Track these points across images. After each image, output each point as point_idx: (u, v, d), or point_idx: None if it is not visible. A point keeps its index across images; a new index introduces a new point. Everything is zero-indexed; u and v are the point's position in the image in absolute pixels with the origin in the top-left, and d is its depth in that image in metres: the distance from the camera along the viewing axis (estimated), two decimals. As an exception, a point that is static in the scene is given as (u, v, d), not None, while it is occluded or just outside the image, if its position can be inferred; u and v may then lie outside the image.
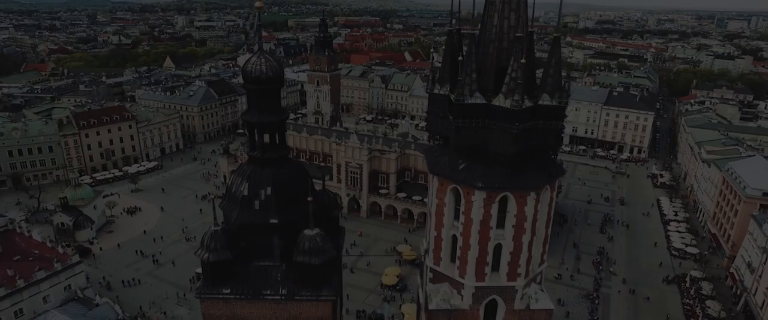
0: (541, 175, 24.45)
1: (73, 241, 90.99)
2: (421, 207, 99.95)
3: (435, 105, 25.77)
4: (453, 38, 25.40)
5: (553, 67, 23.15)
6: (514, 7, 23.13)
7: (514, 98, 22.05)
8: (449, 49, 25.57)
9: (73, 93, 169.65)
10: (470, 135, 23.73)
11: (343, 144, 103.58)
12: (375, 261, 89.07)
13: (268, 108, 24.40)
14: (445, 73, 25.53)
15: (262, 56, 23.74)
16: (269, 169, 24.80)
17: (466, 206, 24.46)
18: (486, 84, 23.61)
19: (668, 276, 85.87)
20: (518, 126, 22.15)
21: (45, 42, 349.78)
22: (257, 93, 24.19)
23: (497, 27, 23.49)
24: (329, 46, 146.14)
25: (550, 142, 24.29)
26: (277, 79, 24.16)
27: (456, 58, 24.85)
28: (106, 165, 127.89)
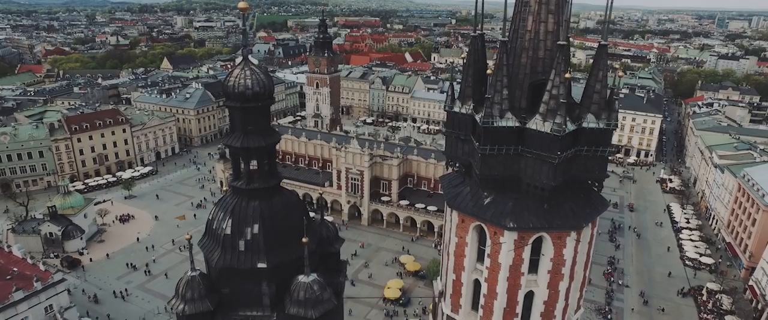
0: (583, 211, 20.60)
1: (62, 252, 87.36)
2: (425, 215, 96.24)
3: (455, 125, 21.86)
4: (477, 45, 21.53)
5: (600, 81, 19.35)
6: (553, 8, 19.34)
7: (555, 121, 18.30)
8: (472, 59, 21.66)
9: (67, 95, 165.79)
10: (499, 164, 19.98)
11: (343, 149, 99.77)
12: (377, 272, 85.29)
13: (254, 130, 20.60)
14: (468, 88, 21.64)
15: (247, 68, 19.99)
16: (256, 203, 20.95)
17: (492, 248, 20.61)
18: (517, 102, 19.85)
19: (683, 288, 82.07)
20: (560, 155, 18.39)
21: (42, 43, 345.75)
22: (241, 112, 20.43)
23: (531, 32, 19.69)
24: (329, 47, 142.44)
25: (595, 171, 20.43)
26: (265, 94, 20.43)
27: (481, 70, 21.05)
28: (99, 171, 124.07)
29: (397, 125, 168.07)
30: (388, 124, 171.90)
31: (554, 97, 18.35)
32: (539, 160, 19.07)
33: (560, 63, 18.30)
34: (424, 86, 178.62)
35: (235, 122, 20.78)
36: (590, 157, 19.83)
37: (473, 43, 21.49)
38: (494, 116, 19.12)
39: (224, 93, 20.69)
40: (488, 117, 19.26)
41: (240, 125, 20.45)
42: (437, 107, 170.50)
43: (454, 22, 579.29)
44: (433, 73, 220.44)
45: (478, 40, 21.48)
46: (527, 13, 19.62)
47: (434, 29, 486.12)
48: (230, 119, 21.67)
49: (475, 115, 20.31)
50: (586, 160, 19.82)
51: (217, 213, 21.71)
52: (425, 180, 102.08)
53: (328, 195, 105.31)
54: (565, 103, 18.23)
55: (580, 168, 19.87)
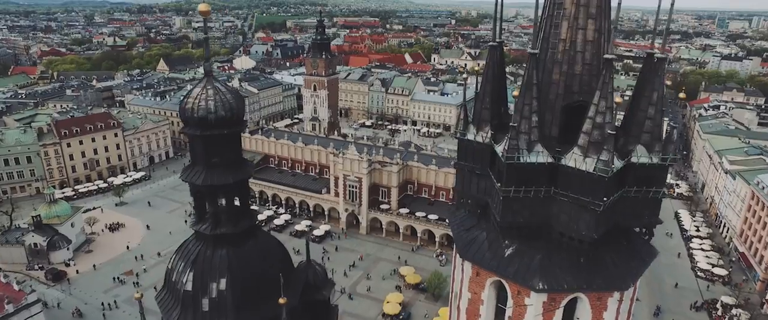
0: (628, 266, 16.80)
1: (48, 263, 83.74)
2: (425, 224, 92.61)
3: (468, 156, 18.02)
4: (495, 57, 17.82)
5: (653, 104, 15.68)
6: (594, 11, 15.68)
7: (600, 158, 14.61)
8: (490, 73, 17.87)
9: (59, 98, 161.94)
10: (525, 208, 16.26)
11: (341, 155, 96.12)
12: (376, 285, 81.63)
13: (220, 162, 16.93)
14: (485, 110, 17.89)
15: (210, 86, 16.35)
16: (224, 251, 17.29)
17: (515, 310, 16.73)
18: (547, 128, 16.21)
19: (696, 302, 78.37)
20: (606, 201, 14.72)
21: (38, 43, 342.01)
22: (203, 141, 16.76)
23: (566, 42, 15.98)
24: (327, 48, 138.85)
25: (645, 216, 16.71)
26: (233, 119, 16.77)
27: (500, 87, 17.42)
28: (90, 177, 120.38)
29: (396, 128, 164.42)
30: (388, 126, 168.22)
31: (598, 127, 14.68)
32: (578, 206, 15.33)
33: (606, 82, 14.65)
34: (424, 88, 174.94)
35: (196, 153, 17.12)
36: (639, 199, 16.15)
37: (491, 54, 17.72)
38: (520, 149, 15.42)
39: (181, 117, 17.03)
40: (513, 150, 15.54)
41: (202, 157, 16.79)
42: (438, 109, 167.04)
43: (453, 23, 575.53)
44: (434, 75, 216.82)
45: (496, 51, 17.76)
46: (560, 17, 15.90)
47: (434, 29, 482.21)
48: (190, 149, 18.01)
49: (495, 146, 16.56)
50: (633, 203, 16.07)
51: (176, 263, 18.06)
52: (426, 188, 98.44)
53: (326, 203, 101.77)
54: (613, 135, 14.55)
55: (627, 213, 16.13)
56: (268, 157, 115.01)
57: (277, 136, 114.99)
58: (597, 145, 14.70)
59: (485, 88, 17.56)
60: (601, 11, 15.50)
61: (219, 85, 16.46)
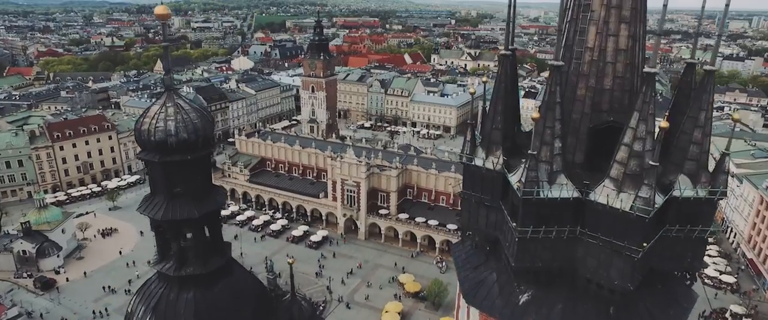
0: (666, 316, 14.34)
1: (37, 271, 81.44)
2: (425, 229, 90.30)
3: (475, 184, 15.60)
4: (506, 68, 15.41)
5: (700, 126, 13.27)
6: (628, 14, 13.33)
7: (639, 194, 12.24)
8: (502, 87, 15.40)
9: (54, 99, 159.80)
10: (544, 251, 13.84)
11: (339, 159, 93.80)
12: (374, 293, 79.35)
13: (184, 192, 14.57)
14: (495, 131, 15.38)
15: (171, 104, 14.05)
16: (191, 294, 14.88)
17: (531, 365, 14.61)
18: (570, 154, 13.85)
19: (704, 311, 76.02)
20: (645, 247, 12.33)
21: (36, 44, 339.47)
22: (163, 169, 14.41)
23: (594, 51, 13.65)
24: (325, 49, 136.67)
25: (687, 258, 14.32)
26: (198, 142, 14.40)
27: (513, 103, 15.07)
28: (84, 180, 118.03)
29: (396, 129, 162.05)
30: (387, 128, 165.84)
31: (636, 156, 12.33)
32: (609, 250, 12.87)
33: (647, 102, 12.32)
34: (424, 89, 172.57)
35: (156, 182, 14.79)
36: (681, 238, 13.77)
37: (502, 64, 15.29)
38: (540, 182, 13.08)
39: (137, 140, 14.72)
40: (531, 183, 13.14)
41: (162, 187, 14.46)
42: (438, 111, 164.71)
43: (453, 23, 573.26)
44: (434, 75, 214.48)
45: (508, 61, 15.36)
46: (587, 21, 13.52)
47: (434, 29, 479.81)
48: (149, 178, 15.69)
49: (508, 175, 14.18)
50: (674, 244, 13.64)
51: (136, 307, 15.67)
52: (426, 192, 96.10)
53: (323, 208, 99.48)
54: (655, 167, 12.15)
55: (666, 256, 13.69)
56: (264, 160, 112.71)
57: (273, 138, 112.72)
58: (634, 178, 12.33)
59: (496, 105, 15.09)
60: (636, 14, 13.15)
61: (182, 102, 14.12)
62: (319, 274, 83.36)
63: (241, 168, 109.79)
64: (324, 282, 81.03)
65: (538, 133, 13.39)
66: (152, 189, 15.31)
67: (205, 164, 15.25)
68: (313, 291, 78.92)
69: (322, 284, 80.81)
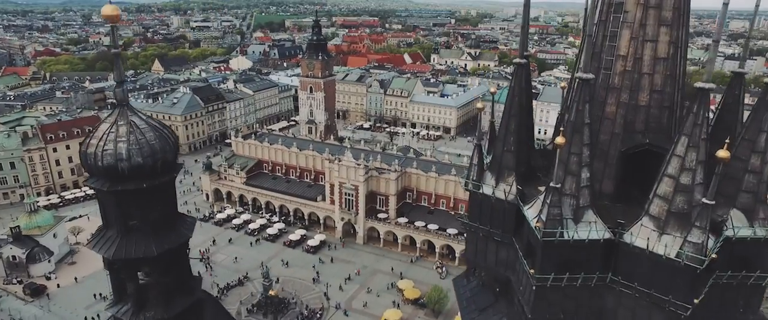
0: None
1: (27, 277, 79.53)
2: (425, 234, 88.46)
3: (482, 215, 13.40)
4: (520, 80, 13.29)
5: (758, 152, 11.09)
6: (669, 17, 11.28)
7: (689, 239, 10.10)
8: (516, 101, 13.32)
9: (49, 100, 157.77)
10: (567, 300, 11.62)
11: (337, 161, 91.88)
12: (373, 299, 77.40)
13: (141, 226, 12.54)
14: (507, 153, 13.18)
15: (123, 122, 12.07)
16: (152, 343, 12.95)
17: None
18: (597, 182, 11.79)
19: None
20: (696, 302, 10.26)
21: (33, 43, 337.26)
22: (115, 199, 12.38)
23: (627, 60, 11.61)
24: (323, 49, 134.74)
25: (741, 309, 11.95)
26: (155, 167, 12.32)
27: (527, 120, 13.03)
28: (78, 183, 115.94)
29: (395, 130, 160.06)
30: (386, 129, 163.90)
31: (685, 191, 10.19)
32: (648, 303, 10.61)
33: (699, 124, 10.24)
34: (423, 89, 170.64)
35: (107, 214, 12.81)
36: (734, 286, 11.49)
37: (516, 74, 13.19)
38: (564, 220, 11.08)
39: (83, 164, 12.74)
40: (554, 222, 10.92)
41: (115, 219, 12.47)
42: (437, 111, 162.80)
43: (453, 22, 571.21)
44: (433, 75, 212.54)
45: (523, 71, 13.26)
46: (620, 23, 11.46)
47: (433, 29, 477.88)
48: (100, 209, 13.62)
49: (523, 208, 12.14)
50: (722, 292, 11.41)
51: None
52: (425, 196, 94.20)
53: (321, 211, 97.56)
54: (711, 206, 10.07)
55: (712, 306, 11.49)
56: (261, 162, 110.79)
57: (271, 140, 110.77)
58: (681, 217, 10.23)
59: (508, 122, 12.97)
60: (678, 15, 11.08)
61: (137, 120, 12.12)
62: (316, 280, 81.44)
63: (237, 170, 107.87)
64: (321, 289, 79.13)
65: (561, 160, 11.17)
66: (104, 221, 13.32)
67: (167, 192, 13.19)
68: (310, 298, 77.12)
69: (320, 290, 78.90)
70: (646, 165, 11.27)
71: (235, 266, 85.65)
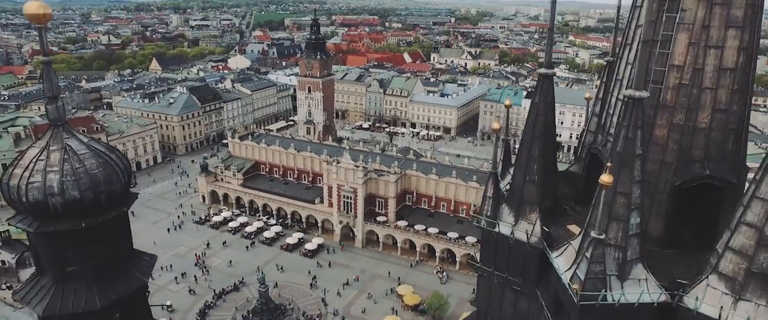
0: None
1: (17, 282, 77.40)
2: (425, 237, 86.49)
3: (497, 257, 11.02)
4: (546, 94, 11.19)
5: None
6: (739, 18, 8.98)
7: None
8: (541, 121, 11.20)
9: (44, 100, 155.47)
10: None
11: (335, 163, 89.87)
12: (371, 306, 75.46)
13: (82, 273, 10.33)
14: (530, 185, 10.73)
15: (56, 147, 9.93)
16: None
17: None
18: (644, 223, 9.63)
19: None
20: None
21: (31, 42, 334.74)
22: (47, 241, 10.14)
23: (683, 71, 9.39)
24: (322, 48, 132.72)
25: None
26: (98, 202, 10.07)
27: (551, 145, 10.91)
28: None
29: (395, 131, 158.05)
30: (386, 129, 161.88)
31: None
32: None
33: None
34: (423, 89, 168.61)
35: (39, 258, 10.62)
36: None
37: (540, 88, 11.04)
38: (608, 277, 8.80)
39: (5, 198, 10.58)
40: (596, 283, 8.52)
41: (48, 266, 10.26)
42: (437, 111, 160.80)
43: (453, 21, 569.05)
44: (433, 75, 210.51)
45: (548, 84, 11.14)
46: (675, 25, 9.27)
47: (433, 28, 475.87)
48: (32, 253, 11.50)
49: (551, 256, 9.91)
50: None
51: None
52: (425, 198, 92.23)
53: (319, 214, 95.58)
54: None
55: None
56: (258, 163, 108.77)
57: (268, 141, 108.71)
58: (764, 279, 8.19)
59: (531, 147, 10.83)
60: (753, 14, 8.93)
61: (74, 143, 9.86)
62: (313, 285, 79.47)
63: (234, 172, 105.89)
64: (319, 294, 77.20)
65: (606, 203, 8.93)
66: (36, 267, 11.22)
67: (116, 229, 11.05)
68: (308, 304, 75.23)
69: (317, 296, 76.97)
70: (704, 201, 9.24)
71: (231, 270, 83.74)
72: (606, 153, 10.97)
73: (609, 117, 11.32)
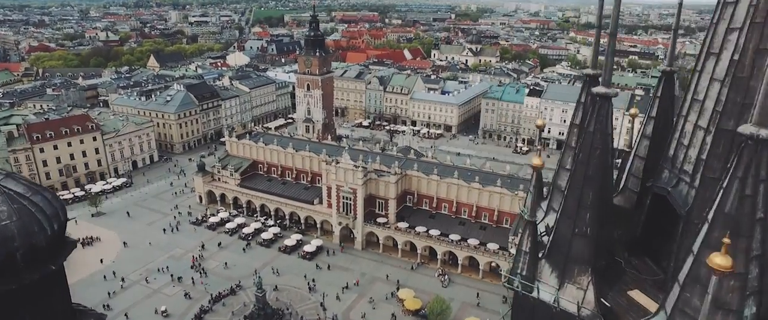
0: None
1: (8, 286, 75.49)
2: (426, 239, 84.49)
3: None
4: (603, 117, 8.73)
5: None
6: None
7: None
8: (598, 153, 8.44)
9: (39, 97, 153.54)
10: None
11: (334, 163, 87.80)
12: (371, 310, 73.45)
13: None
14: (582, 238, 8.04)
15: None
16: None
17: None
18: None
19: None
20: None
21: (28, 38, 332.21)
22: None
23: None
24: (321, 45, 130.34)
25: None
26: (14, 259, 7.84)
27: (608, 189, 8.47)
28: (67, 184, 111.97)
29: (395, 128, 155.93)
30: (386, 127, 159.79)
31: None
32: None
33: None
34: (424, 86, 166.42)
35: None
36: None
37: (595, 112, 8.41)
38: None
39: None
40: None
41: None
42: (438, 109, 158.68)
43: (453, 17, 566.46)
44: (434, 71, 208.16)
45: (603, 109, 8.58)
46: None
47: (433, 24, 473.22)
48: None
49: None
50: None
51: None
52: (427, 199, 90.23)
53: (318, 215, 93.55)
54: None
55: None
56: (256, 163, 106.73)
57: (266, 140, 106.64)
58: None
59: (583, 190, 8.19)
60: None
61: (14, 185, 7.80)
62: (312, 289, 77.47)
63: (231, 171, 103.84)
64: (317, 298, 75.21)
65: (717, 291, 6.86)
66: None
67: (45, 291, 8.88)
68: (306, 308, 73.29)
69: (316, 300, 74.98)
70: None
71: (228, 273, 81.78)
72: (679, 197, 8.86)
73: (681, 149, 9.16)
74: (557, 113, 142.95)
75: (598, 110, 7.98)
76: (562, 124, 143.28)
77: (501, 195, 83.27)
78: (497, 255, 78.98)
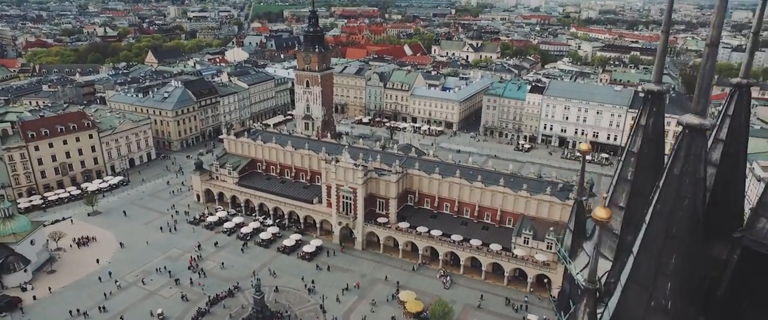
0: None
1: (0, 288, 74.06)
2: (427, 240, 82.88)
3: None
4: (698, 155, 6.69)
5: None
6: None
7: None
8: (684, 203, 6.30)
9: (35, 94, 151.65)
10: None
11: (334, 162, 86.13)
12: (371, 313, 71.89)
13: None
14: (657, 310, 5.99)
15: None
16: None
17: None
18: None
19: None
20: None
21: (25, 34, 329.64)
22: None
23: None
24: (320, 41, 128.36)
25: None
26: None
27: (695, 258, 6.48)
28: (63, 182, 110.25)
29: (396, 125, 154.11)
30: (386, 124, 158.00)
31: None
32: None
33: None
34: (424, 83, 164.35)
35: None
36: None
37: (687, 145, 6.34)
38: None
39: None
40: None
41: None
42: (439, 105, 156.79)
43: (453, 12, 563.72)
44: (434, 67, 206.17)
45: (698, 142, 6.56)
46: None
47: (434, 19, 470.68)
48: None
49: None
50: None
51: None
52: (428, 199, 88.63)
53: (317, 215, 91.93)
54: None
55: None
56: (255, 161, 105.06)
57: (264, 138, 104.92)
58: None
59: (663, 251, 6.58)
60: None
61: None
62: (311, 291, 75.92)
63: (229, 170, 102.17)
64: (317, 300, 73.64)
65: None
66: None
67: None
68: (305, 310, 71.80)
69: (315, 302, 73.42)
70: None
71: (225, 274, 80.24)
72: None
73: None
74: (559, 110, 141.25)
75: (688, 147, 6.24)
76: (563, 120, 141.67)
77: (504, 194, 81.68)
78: (500, 255, 77.47)
